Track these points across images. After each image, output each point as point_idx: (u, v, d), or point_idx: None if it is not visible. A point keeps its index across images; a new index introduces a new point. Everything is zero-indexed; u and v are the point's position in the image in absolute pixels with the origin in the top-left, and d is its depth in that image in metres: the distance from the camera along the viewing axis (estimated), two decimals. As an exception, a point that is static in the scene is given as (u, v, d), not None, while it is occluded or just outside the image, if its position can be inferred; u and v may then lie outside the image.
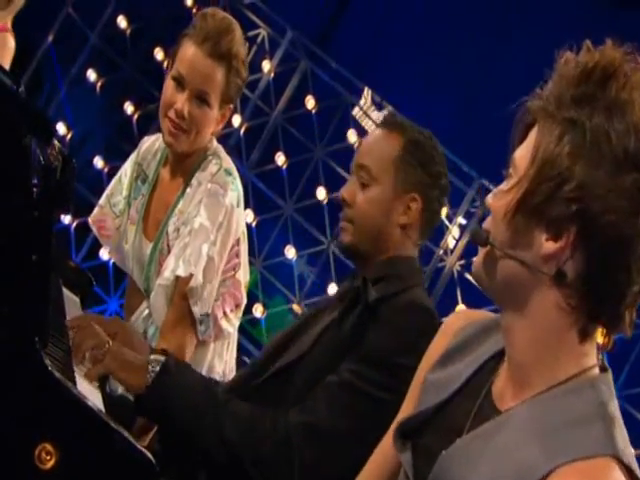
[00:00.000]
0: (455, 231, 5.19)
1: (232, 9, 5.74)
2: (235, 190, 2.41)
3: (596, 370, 1.23)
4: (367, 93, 5.33)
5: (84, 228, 5.69)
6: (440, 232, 5.20)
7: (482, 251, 1.26)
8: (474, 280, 1.29)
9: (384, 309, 1.89)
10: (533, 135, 1.20)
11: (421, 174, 2.00)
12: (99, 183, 5.80)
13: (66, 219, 5.72)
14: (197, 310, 2.30)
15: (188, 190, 2.44)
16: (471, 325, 1.39)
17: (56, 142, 1.47)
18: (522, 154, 1.22)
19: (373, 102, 5.37)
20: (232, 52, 2.42)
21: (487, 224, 1.27)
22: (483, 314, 1.38)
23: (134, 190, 2.59)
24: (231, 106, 2.48)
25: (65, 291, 2.15)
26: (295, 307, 5.14)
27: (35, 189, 1.33)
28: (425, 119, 5.23)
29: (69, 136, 5.88)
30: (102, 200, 2.67)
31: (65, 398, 1.37)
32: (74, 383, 1.49)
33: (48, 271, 1.38)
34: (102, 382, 1.77)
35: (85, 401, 1.39)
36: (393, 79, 5.57)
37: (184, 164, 2.49)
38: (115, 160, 5.87)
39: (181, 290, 2.33)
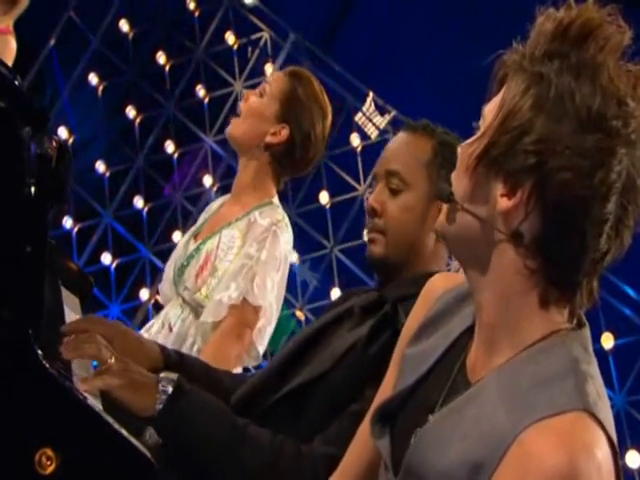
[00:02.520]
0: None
1: (234, 12, 5.75)
2: (289, 244, 2.47)
3: (568, 329, 1.20)
4: (370, 97, 5.32)
5: (86, 232, 5.70)
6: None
7: (445, 207, 1.24)
8: (441, 238, 1.27)
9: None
10: (504, 89, 1.20)
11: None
12: (101, 188, 5.80)
13: (67, 223, 5.71)
14: (261, 350, 2.34)
15: (251, 217, 2.47)
16: (448, 292, 1.36)
17: (56, 137, 1.45)
18: (490, 107, 1.22)
19: (376, 106, 5.36)
20: (302, 76, 2.57)
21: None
22: (460, 279, 1.34)
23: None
24: (287, 128, 2.49)
25: (64, 291, 2.12)
26: (298, 313, 5.12)
27: (29, 179, 1.31)
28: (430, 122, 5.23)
29: (71, 140, 5.88)
30: None
31: (64, 399, 1.35)
32: (72, 384, 1.47)
33: (43, 263, 1.36)
34: (102, 395, 1.64)
35: (85, 402, 1.36)
36: (397, 83, 5.56)
37: (248, 194, 2.53)
38: (117, 165, 5.87)
39: (247, 315, 2.33)
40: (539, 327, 1.18)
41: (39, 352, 1.36)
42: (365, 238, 1.96)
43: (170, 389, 1.62)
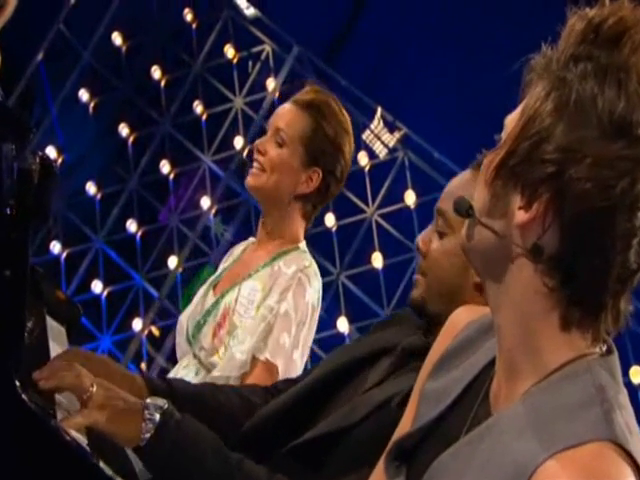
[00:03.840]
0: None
1: (234, 24, 5.78)
2: (318, 292, 2.40)
3: (595, 355, 1.17)
4: (379, 113, 5.34)
5: (75, 258, 5.70)
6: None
7: (466, 222, 1.24)
8: (464, 254, 1.26)
9: None
10: (527, 95, 1.19)
11: None
12: (92, 211, 5.82)
13: (56, 248, 5.72)
14: None
15: (275, 265, 2.42)
16: (472, 324, 1.35)
17: (39, 152, 1.44)
18: (512, 116, 1.21)
19: (385, 123, 5.37)
20: (316, 103, 2.45)
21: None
22: (485, 311, 1.32)
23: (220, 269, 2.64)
24: (319, 171, 2.44)
25: (49, 320, 2.11)
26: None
27: (8, 196, 1.31)
28: (441, 141, 5.24)
29: (60, 161, 5.90)
30: None
31: (44, 436, 1.34)
32: (53, 413, 1.46)
33: (24, 289, 1.35)
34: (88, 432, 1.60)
35: (67, 439, 1.35)
36: (408, 98, 5.58)
37: (274, 240, 2.49)
38: (109, 186, 5.89)
39: (260, 374, 2.29)
40: (561, 352, 1.16)
41: (17, 384, 1.35)
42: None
43: (157, 417, 1.56)
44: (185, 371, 2.42)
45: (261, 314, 2.35)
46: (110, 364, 1.84)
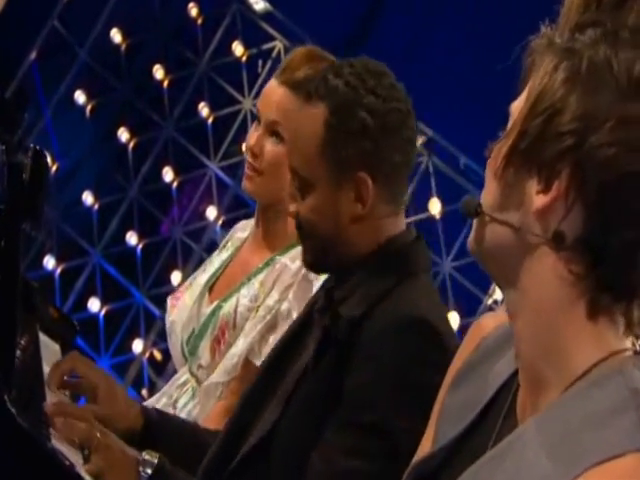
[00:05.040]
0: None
1: (242, 19, 5.80)
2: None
3: (628, 352, 1.15)
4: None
5: (71, 274, 5.71)
6: (488, 278, 5.14)
7: (475, 223, 1.22)
8: (476, 259, 1.25)
9: (363, 336, 1.72)
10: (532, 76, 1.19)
11: (357, 142, 1.77)
12: (88, 222, 5.84)
13: (49, 263, 5.74)
14: None
15: (277, 262, 2.41)
16: (495, 332, 1.33)
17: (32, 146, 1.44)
18: (518, 102, 1.21)
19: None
20: (307, 82, 2.39)
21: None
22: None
23: (215, 260, 2.60)
24: None
25: (43, 337, 2.12)
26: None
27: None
28: (468, 145, 5.24)
29: (54, 168, 5.92)
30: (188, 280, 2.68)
31: (45, 461, 1.35)
32: (48, 437, 1.47)
33: (14, 299, 1.35)
34: None
35: (66, 465, 1.37)
36: (430, 98, 5.57)
37: (275, 237, 2.48)
38: (107, 196, 5.91)
39: (248, 378, 2.30)
40: (589, 350, 1.15)
41: (13, 410, 1.36)
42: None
43: (149, 472, 1.72)
44: (183, 396, 2.42)
45: (260, 315, 2.34)
46: (114, 386, 1.92)
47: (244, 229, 2.64)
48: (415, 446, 1.42)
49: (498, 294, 5.15)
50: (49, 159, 5.70)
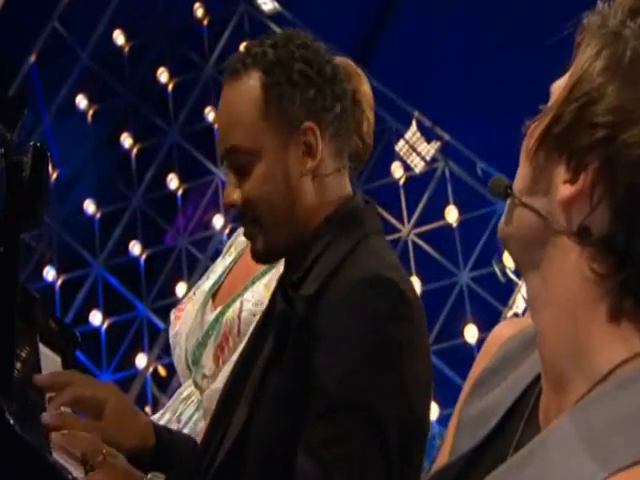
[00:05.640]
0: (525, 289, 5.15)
1: (250, 20, 5.82)
2: None
3: None
4: (415, 120, 5.35)
5: (71, 286, 5.73)
6: (508, 289, 5.15)
7: (506, 204, 1.22)
8: (503, 245, 1.25)
9: (323, 313, 1.70)
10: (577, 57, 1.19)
11: (299, 95, 1.78)
12: (90, 232, 5.85)
13: (50, 275, 5.75)
14: None
15: (281, 265, 2.41)
16: (513, 339, 1.34)
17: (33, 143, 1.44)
18: (560, 82, 1.21)
19: (423, 130, 5.38)
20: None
21: None
22: (528, 323, 1.29)
23: (218, 265, 2.61)
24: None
25: (43, 349, 2.13)
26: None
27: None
28: (485, 149, 5.23)
29: (54, 176, 5.94)
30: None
31: (39, 466, 1.35)
32: (49, 450, 1.47)
33: (13, 306, 1.36)
34: None
35: (62, 470, 1.37)
36: (447, 101, 5.59)
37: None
38: (110, 204, 5.93)
39: None
40: (613, 351, 1.14)
41: (12, 421, 1.37)
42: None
43: None
44: (187, 409, 2.42)
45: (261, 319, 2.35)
46: (123, 401, 1.90)
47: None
48: (399, 405, 1.39)
49: (519, 306, 5.15)
50: (49, 167, 5.72)
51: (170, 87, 5.98)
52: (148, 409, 5.34)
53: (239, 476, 1.76)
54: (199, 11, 6.05)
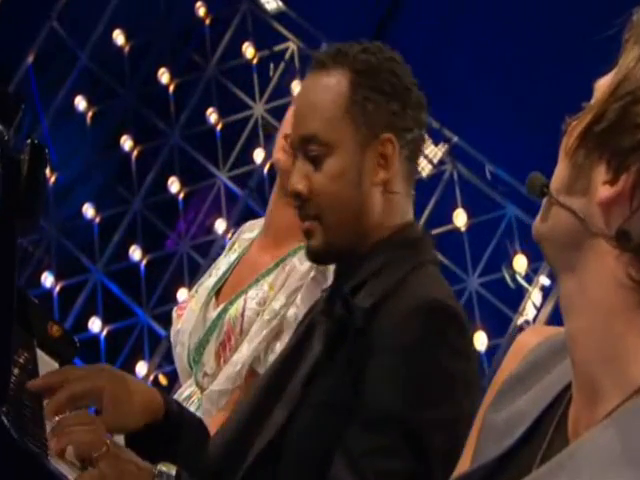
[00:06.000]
0: (536, 295, 5.14)
1: (254, 19, 5.83)
2: None
3: None
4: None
5: (70, 292, 5.73)
6: (518, 295, 5.14)
7: (543, 203, 1.20)
8: (538, 244, 1.25)
9: (380, 325, 1.72)
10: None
11: (385, 103, 1.82)
12: (89, 237, 5.86)
13: (48, 281, 5.76)
14: None
15: (287, 264, 2.42)
16: (540, 346, 1.33)
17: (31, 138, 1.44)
18: (604, 80, 1.20)
19: (431, 131, 5.38)
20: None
21: None
22: (555, 330, 1.31)
23: (221, 263, 2.61)
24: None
25: (40, 354, 2.13)
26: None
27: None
28: (495, 151, 5.23)
29: (52, 180, 5.96)
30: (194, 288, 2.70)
31: (36, 470, 1.36)
32: (46, 456, 1.48)
33: (11, 311, 1.36)
34: None
35: (60, 476, 1.38)
36: (455, 102, 5.59)
37: (287, 236, 2.48)
38: (109, 209, 5.93)
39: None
40: None
41: (7, 424, 1.37)
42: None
43: None
44: (186, 404, 2.42)
45: (265, 319, 2.35)
46: (121, 383, 1.87)
47: (252, 230, 2.64)
48: (444, 436, 1.39)
49: (529, 313, 5.15)
50: (47, 170, 5.71)
51: (171, 88, 5.99)
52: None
53: (271, 473, 1.77)
54: (201, 10, 6.06)
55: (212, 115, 5.86)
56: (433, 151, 5.39)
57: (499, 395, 1.33)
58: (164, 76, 6.02)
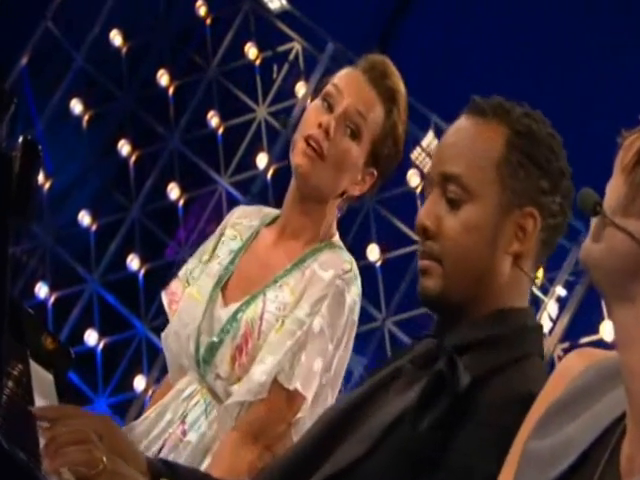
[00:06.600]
0: (552, 307, 5.14)
1: (256, 19, 5.84)
2: (357, 300, 2.42)
3: None
4: (432, 126, 5.36)
5: (65, 303, 5.74)
6: (534, 306, 5.14)
7: (593, 222, 1.20)
8: (584, 266, 1.21)
9: (483, 399, 1.72)
10: None
11: (536, 177, 1.81)
12: (85, 245, 5.87)
13: (42, 291, 5.77)
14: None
15: (307, 267, 2.42)
16: (588, 371, 1.32)
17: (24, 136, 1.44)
18: None
19: (439, 137, 5.39)
20: (396, 97, 2.45)
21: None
22: (611, 354, 1.29)
23: (219, 249, 2.60)
24: (375, 172, 2.48)
25: (34, 366, 2.15)
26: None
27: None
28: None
29: (47, 186, 5.97)
30: (181, 271, 2.68)
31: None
32: (39, 470, 1.49)
33: (2, 309, 1.37)
34: None
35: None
36: (464, 106, 5.59)
37: (302, 235, 2.49)
38: (106, 216, 5.94)
39: (283, 404, 2.31)
40: None
41: (1, 440, 1.38)
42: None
43: None
44: (192, 410, 2.42)
45: (288, 329, 2.34)
46: (119, 436, 1.87)
47: (248, 217, 2.62)
48: None
49: (545, 325, 5.14)
50: (41, 177, 5.66)
51: (171, 90, 6.01)
52: (147, 436, 5.34)
53: None
54: (201, 9, 6.07)
55: (213, 118, 5.87)
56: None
57: (543, 421, 1.31)
58: (163, 78, 6.03)
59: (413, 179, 5.33)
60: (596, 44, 5.37)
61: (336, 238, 2.49)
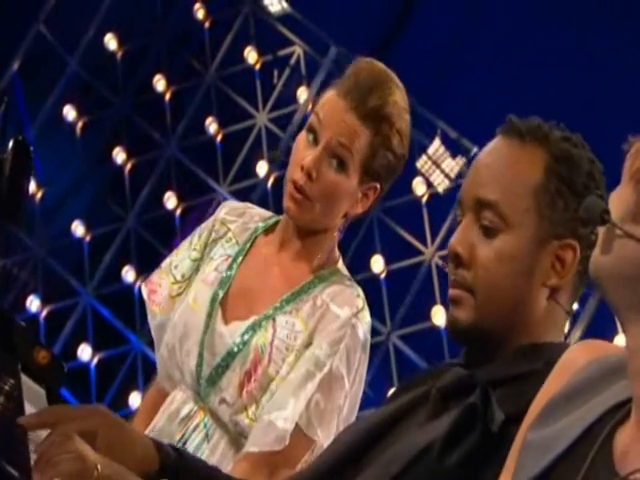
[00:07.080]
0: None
1: (256, 22, 5.85)
2: (368, 335, 2.41)
3: None
4: (439, 133, 5.36)
5: (58, 317, 5.74)
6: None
7: (601, 231, 1.19)
8: (594, 279, 1.20)
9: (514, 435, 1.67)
10: None
11: (575, 207, 1.75)
12: (79, 257, 5.87)
13: (33, 305, 5.77)
14: None
15: (318, 297, 2.42)
16: (591, 364, 1.33)
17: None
18: None
19: (447, 143, 5.40)
20: (381, 113, 2.43)
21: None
22: (616, 347, 1.30)
23: (210, 249, 2.59)
24: (377, 186, 2.48)
25: (25, 380, 2.15)
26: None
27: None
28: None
29: (39, 195, 5.97)
30: (164, 262, 2.66)
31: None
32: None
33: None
34: None
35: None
36: (473, 111, 5.60)
37: (306, 250, 2.50)
38: (101, 226, 5.94)
39: (301, 449, 2.31)
40: None
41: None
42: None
43: None
44: (192, 435, 2.41)
45: (306, 369, 2.33)
46: (116, 428, 1.86)
47: (240, 216, 2.61)
48: None
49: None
50: (33, 186, 5.64)
51: (168, 96, 6.01)
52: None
53: None
54: (200, 12, 6.08)
55: (212, 125, 5.88)
56: (450, 165, 5.40)
57: (543, 413, 1.32)
58: (160, 83, 6.04)
59: (419, 187, 5.34)
60: (602, 48, 5.39)
61: (340, 264, 2.50)
